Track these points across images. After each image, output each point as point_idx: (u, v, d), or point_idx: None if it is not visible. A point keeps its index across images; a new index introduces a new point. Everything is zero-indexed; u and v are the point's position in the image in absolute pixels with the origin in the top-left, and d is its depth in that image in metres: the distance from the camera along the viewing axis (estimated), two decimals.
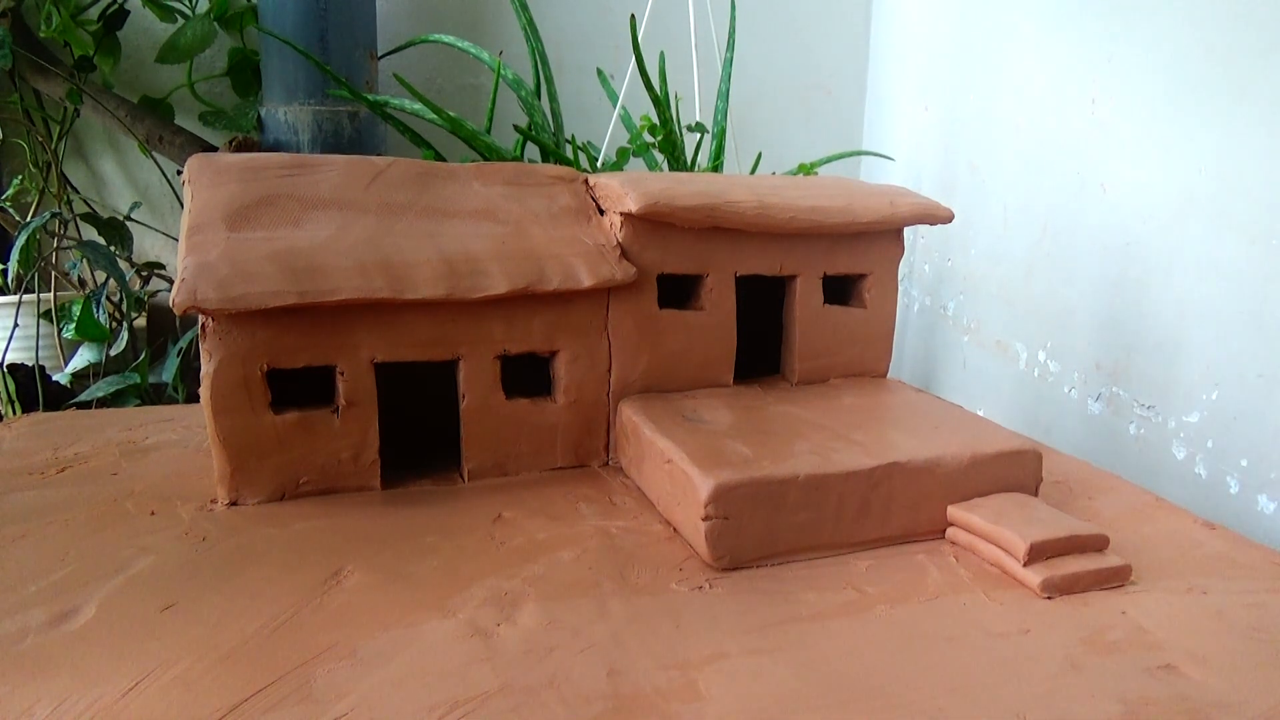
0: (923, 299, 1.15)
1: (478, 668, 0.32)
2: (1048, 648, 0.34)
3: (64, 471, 0.48)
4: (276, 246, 0.43)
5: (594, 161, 0.87)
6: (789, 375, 0.56)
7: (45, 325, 0.98)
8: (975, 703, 0.30)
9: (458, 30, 1.09)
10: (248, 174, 0.47)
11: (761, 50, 1.24)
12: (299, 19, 0.96)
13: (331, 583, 0.37)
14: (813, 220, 0.51)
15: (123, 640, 0.33)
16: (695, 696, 0.30)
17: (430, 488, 0.47)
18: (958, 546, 0.43)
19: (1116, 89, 0.80)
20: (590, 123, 1.05)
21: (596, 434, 0.51)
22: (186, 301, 0.40)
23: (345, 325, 0.44)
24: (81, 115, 1.05)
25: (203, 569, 0.38)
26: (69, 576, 0.37)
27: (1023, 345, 0.95)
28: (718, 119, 0.89)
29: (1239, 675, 0.32)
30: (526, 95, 0.87)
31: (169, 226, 1.13)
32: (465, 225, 0.48)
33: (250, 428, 0.44)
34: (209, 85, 1.10)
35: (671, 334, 0.51)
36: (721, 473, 0.39)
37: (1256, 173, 0.67)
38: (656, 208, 0.48)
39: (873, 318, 0.56)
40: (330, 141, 0.99)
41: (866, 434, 0.45)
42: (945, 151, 1.08)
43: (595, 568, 0.39)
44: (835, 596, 0.38)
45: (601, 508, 0.45)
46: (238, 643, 0.33)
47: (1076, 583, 0.38)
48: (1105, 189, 0.82)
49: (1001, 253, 0.98)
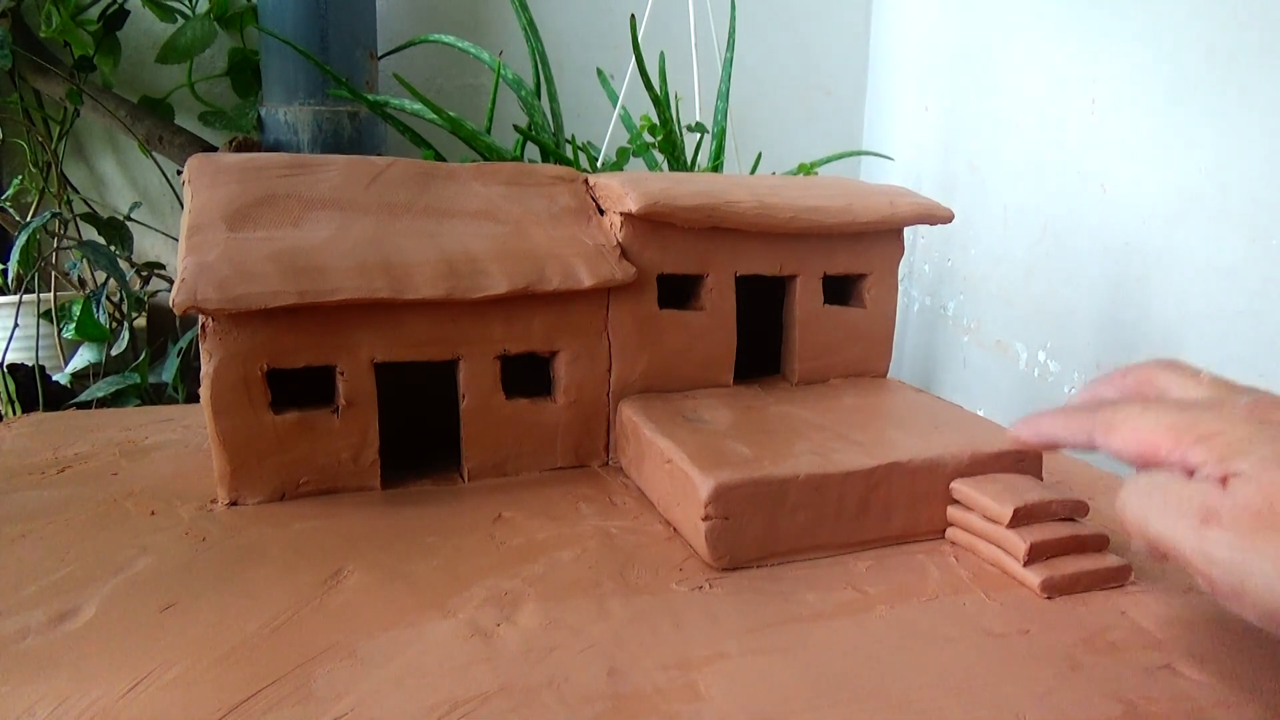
0: (923, 299, 1.15)
1: (478, 668, 0.32)
2: (1048, 648, 0.34)
3: (64, 471, 0.48)
4: (276, 246, 0.43)
5: (594, 161, 0.87)
6: (789, 375, 0.56)
7: (45, 325, 0.98)
8: (975, 703, 0.30)
9: (458, 30, 1.09)
10: (248, 174, 0.47)
11: (761, 50, 1.24)
12: (299, 19, 0.96)
13: (331, 583, 0.37)
14: (813, 220, 0.51)
15: (123, 640, 0.33)
16: (695, 696, 0.30)
17: (430, 488, 0.47)
18: (958, 546, 0.43)
19: (1116, 89, 0.80)
20: (590, 123, 1.05)
21: (596, 434, 0.51)
22: (186, 301, 0.40)
23: (345, 325, 0.44)
24: (81, 115, 1.05)
25: (203, 569, 0.38)
26: (69, 576, 0.37)
27: (1023, 345, 0.95)
28: (718, 119, 0.89)
29: (1239, 675, 0.32)
30: (526, 95, 0.87)
31: (169, 226, 1.13)
32: (465, 225, 0.48)
33: (250, 428, 0.44)
34: (209, 85, 1.10)
35: (671, 334, 0.51)
36: (721, 473, 0.39)
37: (1256, 173, 0.67)
38: (656, 208, 0.48)
39: (873, 318, 0.56)
40: (330, 141, 0.99)
41: (866, 434, 0.45)
42: (945, 151, 1.08)
43: (595, 568, 0.39)
44: (835, 596, 0.38)
45: (601, 508, 0.45)
46: (238, 643, 0.33)
47: (1076, 583, 0.38)
48: (1105, 189, 0.82)
49: (1001, 253, 0.98)
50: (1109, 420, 0.34)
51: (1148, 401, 0.34)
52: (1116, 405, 0.34)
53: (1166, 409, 0.32)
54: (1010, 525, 0.39)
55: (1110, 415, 0.34)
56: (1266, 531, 0.26)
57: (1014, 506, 0.39)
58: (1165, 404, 0.33)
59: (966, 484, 0.42)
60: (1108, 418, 0.34)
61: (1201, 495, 0.28)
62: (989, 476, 0.43)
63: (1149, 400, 0.34)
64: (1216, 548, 0.27)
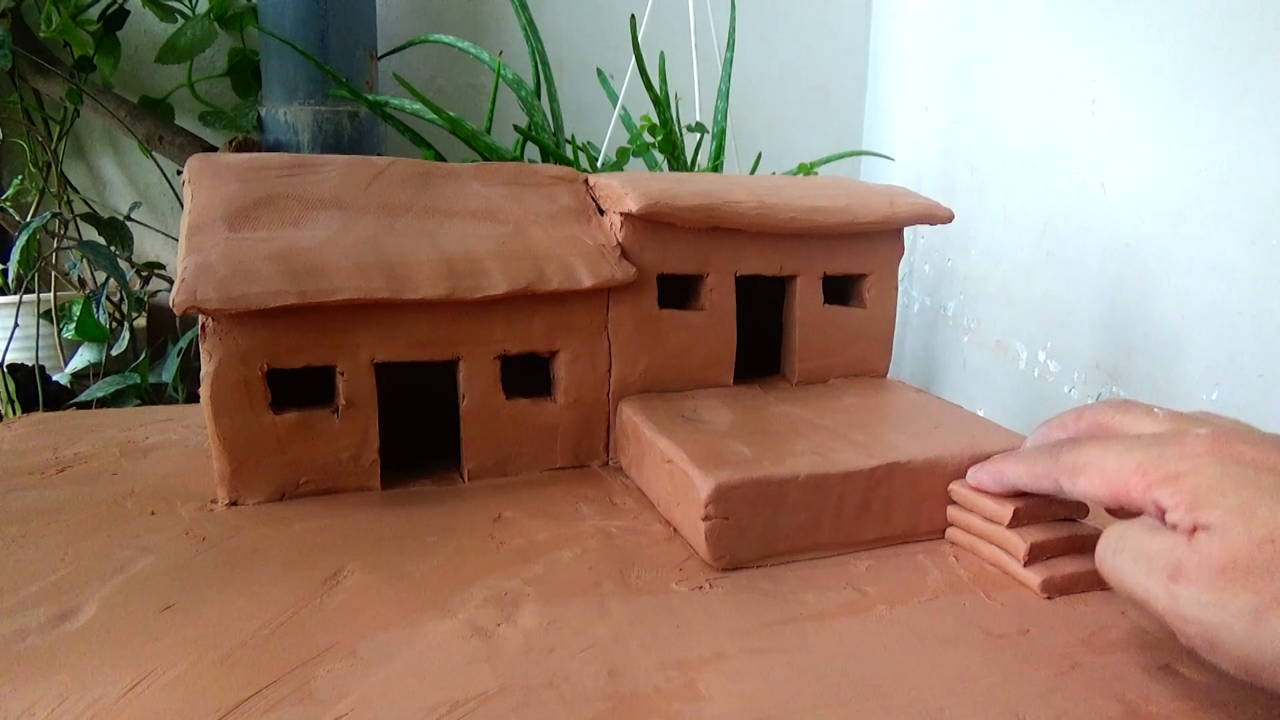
0: (923, 299, 1.15)
1: (478, 668, 0.32)
2: (1048, 648, 0.34)
3: (64, 471, 0.48)
4: (276, 246, 0.43)
5: (594, 161, 0.87)
6: (789, 375, 0.56)
7: (45, 325, 0.98)
8: (975, 703, 0.30)
9: (458, 30, 1.09)
10: (248, 174, 0.47)
11: (761, 50, 1.24)
12: (299, 19, 0.96)
13: (331, 583, 0.37)
14: (813, 220, 0.51)
15: (123, 640, 0.33)
16: (695, 696, 0.30)
17: (430, 488, 0.47)
18: (958, 547, 0.43)
19: (1116, 89, 0.80)
20: (590, 123, 1.05)
21: (596, 434, 0.51)
22: (186, 301, 0.40)
23: (345, 325, 0.44)
24: (81, 115, 1.05)
25: (203, 569, 0.38)
26: (69, 576, 0.37)
27: (1023, 345, 0.95)
28: (718, 119, 0.89)
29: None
30: (526, 95, 0.87)
31: (169, 226, 1.13)
32: (465, 225, 0.48)
33: (250, 428, 0.44)
34: (209, 85, 1.10)
35: (671, 334, 0.51)
36: (721, 473, 0.39)
37: (1256, 173, 0.67)
38: (656, 208, 0.48)
39: (873, 318, 0.56)
40: (330, 141, 0.99)
41: (866, 434, 0.45)
42: (945, 152, 1.08)
43: (595, 568, 0.39)
44: (835, 596, 0.38)
45: (601, 508, 0.45)
46: (238, 643, 0.33)
47: (1076, 583, 0.38)
48: (1105, 189, 0.82)
49: (1001, 253, 0.98)
50: (1073, 463, 0.33)
51: (1108, 440, 0.33)
52: (1078, 446, 0.34)
53: (1130, 446, 0.32)
54: (1010, 525, 0.39)
55: (1074, 458, 0.33)
56: (1233, 588, 0.26)
57: (1014, 507, 0.39)
58: (1128, 440, 0.32)
59: (966, 485, 0.42)
60: (1071, 461, 0.34)
61: (1169, 550, 0.28)
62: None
63: (1109, 439, 0.34)
64: (1187, 606, 0.27)
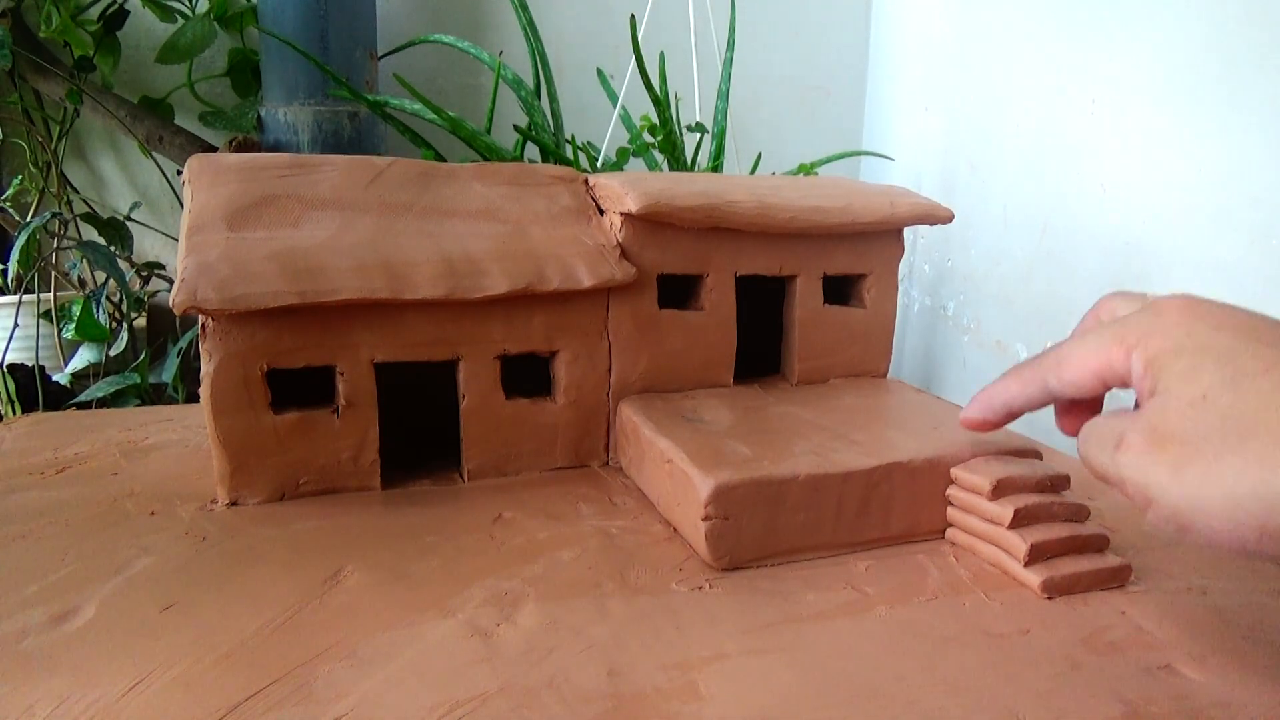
0: (923, 299, 1.15)
1: (478, 668, 0.32)
2: (1047, 648, 0.34)
3: (64, 471, 0.48)
4: (276, 246, 0.43)
5: (594, 161, 0.87)
6: (789, 375, 0.56)
7: (45, 325, 0.98)
8: (975, 703, 0.30)
9: (458, 30, 1.09)
10: (248, 174, 0.47)
11: (761, 50, 1.24)
12: (299, 19, 0.96)
13: (331, 583, 0.37)
14: (813, 220, 0.51)
15: (123, 640, 0.33)
16: (695, 696, 0.30)
17: (430, 488, 0.47)
18: (958, 547, 0.43)
19: (1116, 89, 0.80)
20: (590, 123, 1.05)
21: (596, 434, 0.51)
22: (186, 302, 0.40)
23: (345, 325, 0.44)
24: (81, 115, 1.05)
25: (203, 569, 0.38)
26: (69, 576, 0.37)
27: (1023, 345, 0.95)
28: (718, 119, 0.89)
29: (1239, 675, 0.32)
30: (526, 95, 0.87)
31: (169, 226, 1.13)
32: (465, 225, 0.48)
33: (250, 428, 0.44)
34: (209, 85, 1.10)
35: (671, 334, 0.51)
36: (721, 473, 0.39)
37: (1256, 173, 0.67)
38: (656, 208, 0.48)
39: (873, 318, 0.56)
40: (330, 141, 0.99)
41: (866, 434, 0.45)
42: (945, 152, 1.08)
43: (595, 568, 0.39)
44: (835, 596, 0.38)
45: (601, 508, 0.45)
46: (238, 643, 0.33)
47: (1076, 583, 0.38)
48: (1105, 189, 0.82)
49: (1001, 253, 0.98)
50: (1056, 358, 0.34)
51: (1084, 330, 0.34)
52: (1058, 344, 0.35)
53: (1104, 326, 0.33)
54: (1010, 526, 0.39)
55: (1055, 354, 0.34)
56: (1161, 444, 0.29)
57: (1015, 508, 0.39)
58: (1101, 324, 0.33)
59: (963, 482, 0.42)
60: (1054, 357, 0.34)
61: (1118, 423, 0.31)
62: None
63: (1085, 329, 0.35)
64: (1126, 470, 0.30)
